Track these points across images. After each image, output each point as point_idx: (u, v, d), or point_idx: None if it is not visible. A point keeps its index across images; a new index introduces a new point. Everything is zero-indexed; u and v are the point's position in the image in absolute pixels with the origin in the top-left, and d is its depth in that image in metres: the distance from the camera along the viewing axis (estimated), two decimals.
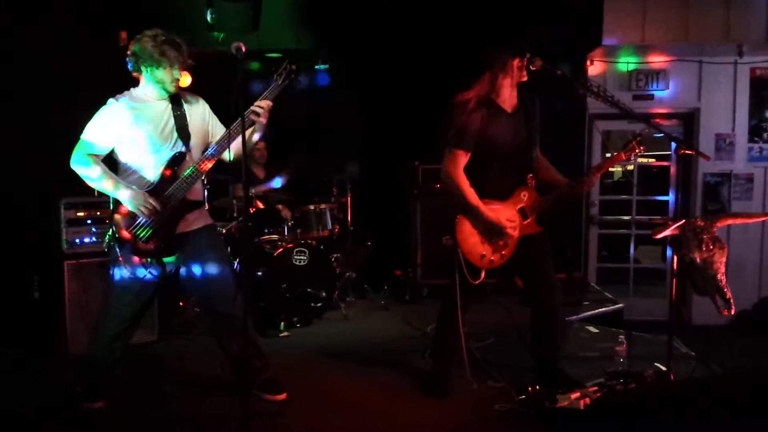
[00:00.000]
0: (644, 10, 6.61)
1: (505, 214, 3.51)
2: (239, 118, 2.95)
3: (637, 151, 3.54)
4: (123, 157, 3.34)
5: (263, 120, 3.34)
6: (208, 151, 3.36)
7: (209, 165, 3.35)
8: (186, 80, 4.42)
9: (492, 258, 3.54)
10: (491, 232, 3.51)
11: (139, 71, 3.31)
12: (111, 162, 3.38)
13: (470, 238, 3.52)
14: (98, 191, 4.26)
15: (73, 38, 4.97)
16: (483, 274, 3.56)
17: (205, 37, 6.24)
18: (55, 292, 4.34)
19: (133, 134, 3.27)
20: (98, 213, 4.44)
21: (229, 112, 3.48)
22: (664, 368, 3.60)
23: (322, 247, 5.52)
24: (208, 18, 6.37)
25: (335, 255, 5.92)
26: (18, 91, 4.76)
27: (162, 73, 3.28)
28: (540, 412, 3.33)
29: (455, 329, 3.60)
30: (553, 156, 3.76)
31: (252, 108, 3.31)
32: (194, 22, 6.32)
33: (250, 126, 3.34)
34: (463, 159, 3.46)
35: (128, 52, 3.29)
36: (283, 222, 5.54)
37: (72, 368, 3.80)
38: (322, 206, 5.81)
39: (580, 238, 7.26)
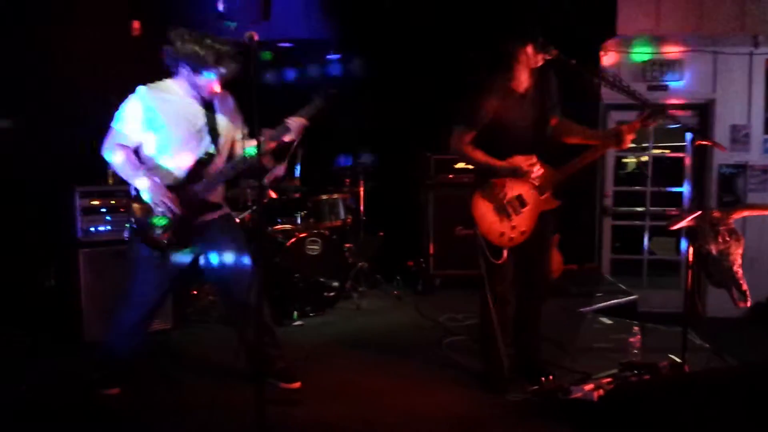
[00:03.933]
0: (658, 0, 6.56)
1: (519, 184, 3.50)
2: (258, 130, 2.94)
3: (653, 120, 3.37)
4: (150, 148, 3.31)
5: (294, 136, 3.36)
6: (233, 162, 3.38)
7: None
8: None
9: (512, 235, 3.52)
10: (508, 207, 3.51)
11: (177, 70, 3.27)
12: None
13: (487, 216, 3.52)
14: (113, 180, 4.30)
15: (87, 27, 4.98)
16: (505, 253, 3.54)
17: (217, 26, 6.24)
18: (70, 279, 4.37)
19: (161, 126, 3.25)
20: (113, 202, 4.45)
21: (241, 101, 3.51)
22: (678, 360, 3.58)
23: (334, 236, 5.52)
24: (219, 7, 6.39)
25: (348, 245, 5.92)
26: (33, 80, 4.77)
27: (202, 81, 3.25)
28: (553, 402, 3.33)
29: (491, 321, 3.60)
30: (565, 146, 3.74)
31: (286, 123, 3.33)
32: (206, 11, 6.33)
33: (278, 138, 3.35)
34: (465, 135, 3.49)
35: (173, 48, 3.20)
36: (297, 211, 5.53)
37: (87, 355, 3.83)
38: (335, 196, 5.81)
39: (593, 229, 7.23)
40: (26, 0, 4.87)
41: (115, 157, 3.26)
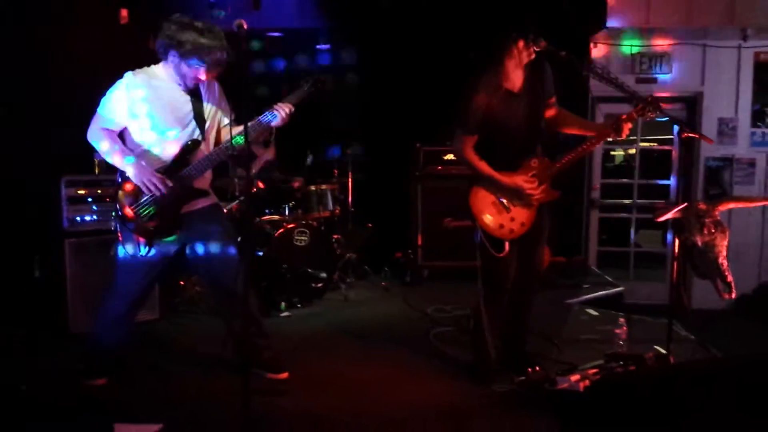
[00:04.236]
0: None
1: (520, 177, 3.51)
2: (251, 121, 2.92)
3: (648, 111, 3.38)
4: (135, 135, 3.30)
5: (280, 122, 3.33)
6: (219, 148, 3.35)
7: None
8: None
9: (512, 227, 3.51)
10: (507, 199, 3.51)
11: (165, 57, 3.23)
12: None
13: (487, 208, 3.51)
14: (99, 169, 4.27)
15: (74, 15, 4.93)
16: (507, 246, 3.52)
17: (207, 14, 6.20)
18: (56, 270, 4.34)
19: (147, 112, 3.23)
20: (99, 191, 4.42)
21: (230, 90, 3.49)
22: (663, 351, 3.61)
23: (322, 227, 5.52)
24: None
25: (336, 236, 5.91)
26: (18, 69, 4.72)
27: (188, 70, 3.22)
28: (539, 393, 3.35)
29: (481, 315, 3.60)
30: (554, 137, 3.75)
31: (274, 108, 3.31)
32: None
33: (267, 126, 3.34)
34: (469, 140, 3.47)
35: (163, 34, 3.17)
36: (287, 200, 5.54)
37: (74, 346, 3.81)
38: (324, 187, 5.81)
39: (580, 221, 7.26)
40: None
41: (100, 141, 3.25)
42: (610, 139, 3.53)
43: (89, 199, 4.40)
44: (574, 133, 3.66)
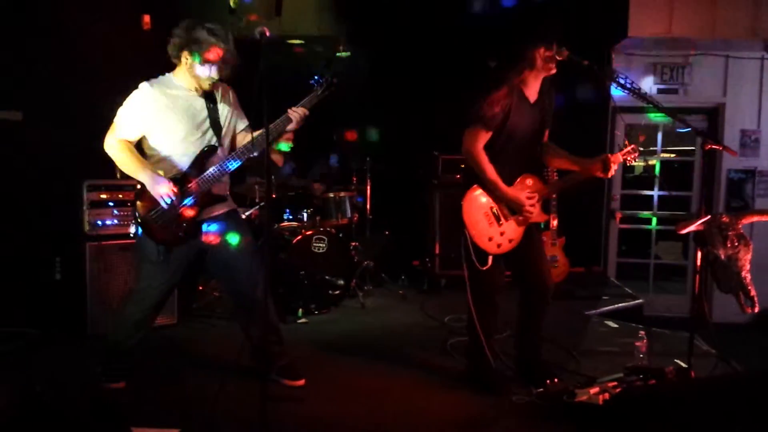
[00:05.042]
0: (671, 3, 6.53)
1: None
2: (267, 127, 2.94)
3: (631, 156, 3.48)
4: (153, 142, 3.33)
5: (295, 126, 3.37)
6: (236, 152, 3.36)
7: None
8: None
9: (500, 242, 3.50)
10: (501, 211, 3.49)
11: (179, 59, 3.28)
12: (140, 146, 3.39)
13: (477, 218, 3.48)
14: (121, 174, 4.31)
15: (97, 20, 4.98)
16: (490, 260, 3.50)
17: (228, 22, 6.25)
18: (76, 272, 4.38)
19: (164, 121, 3.26)
20: (120, 195, 4.47)
21: (251, 96, 3.50)
22: (684, 365, 3.56)
23: (340, 235, 5.52)
24: (231, 3, 6.39)
25: (354, 243, 5.92)
26: (42, 73, 4.78)
27: (201, 70, 3.25)
28: (558, 405, 3.32)
29: (475, 323, 3.58)
30: (574, 148, 3.73)
31: (288, 113, 3.34)
32: (216, 7, 6.33)
33: (281, 129, 3.35)
34: (483, 136, 3.43)
35: (174, 36, 3.23)
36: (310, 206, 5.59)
37: (92, 349, 3.83)
38: (342, 194, 5.81)
39: (600, 232, 7.21)
40: None
41: (116, 151, 3.27)
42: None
43: (110, 203, 4.45)
44: (560, 167, 3.66)
